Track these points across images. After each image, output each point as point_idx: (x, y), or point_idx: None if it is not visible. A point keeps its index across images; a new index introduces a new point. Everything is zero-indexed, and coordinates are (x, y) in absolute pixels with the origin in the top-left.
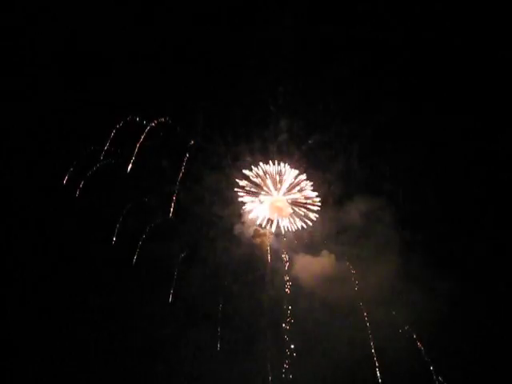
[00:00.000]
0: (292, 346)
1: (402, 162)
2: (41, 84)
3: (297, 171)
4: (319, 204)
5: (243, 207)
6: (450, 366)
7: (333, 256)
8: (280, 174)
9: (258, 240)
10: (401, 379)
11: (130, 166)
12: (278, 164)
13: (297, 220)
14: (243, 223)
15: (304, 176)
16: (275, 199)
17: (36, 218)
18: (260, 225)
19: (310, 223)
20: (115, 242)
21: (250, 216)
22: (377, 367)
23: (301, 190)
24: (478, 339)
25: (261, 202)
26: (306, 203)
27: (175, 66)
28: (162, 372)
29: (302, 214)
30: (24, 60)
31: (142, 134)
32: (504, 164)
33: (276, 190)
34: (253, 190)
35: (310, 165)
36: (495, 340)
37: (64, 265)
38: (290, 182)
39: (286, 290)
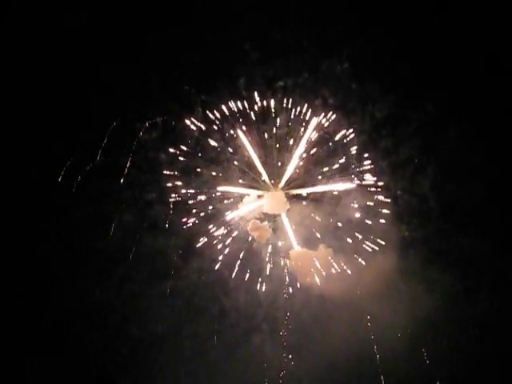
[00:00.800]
0: (289, 342)
1: (401, 156)
2: (38, 81)
3: None
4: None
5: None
6: (448, 363)
7: (330, 250)
8: None
9: (255, 233)
10: (400, 376)
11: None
12: None
13: None
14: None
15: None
16: (272, 194)
17: (33, 213)
18: (258, 218)
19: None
20: (113, 235)
21: (247, 210)
22: (378, 365)
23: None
24: (478, 337)
25: (258, 197)
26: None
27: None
28: (158, 366)
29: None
30: (21, 58)
31: (140, 129)
32: (504, 160)
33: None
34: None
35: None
36: (495, 338)
37: (61, 259)
38: None
39: (284, 284)
